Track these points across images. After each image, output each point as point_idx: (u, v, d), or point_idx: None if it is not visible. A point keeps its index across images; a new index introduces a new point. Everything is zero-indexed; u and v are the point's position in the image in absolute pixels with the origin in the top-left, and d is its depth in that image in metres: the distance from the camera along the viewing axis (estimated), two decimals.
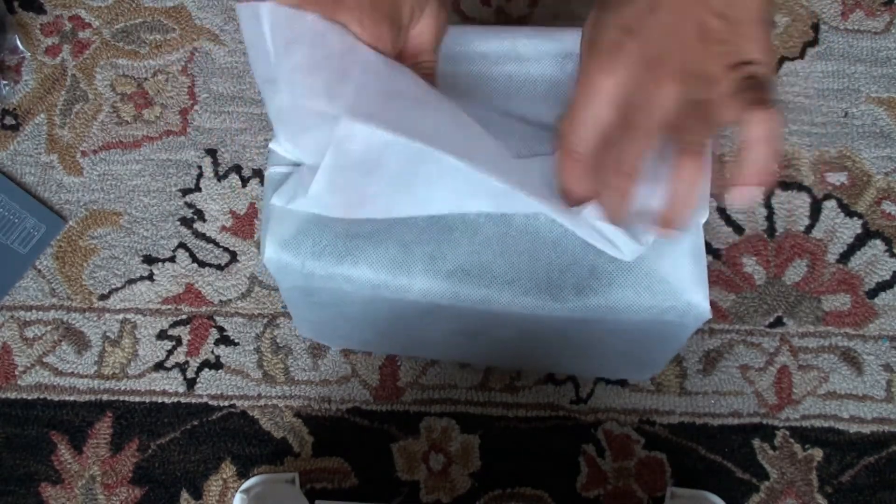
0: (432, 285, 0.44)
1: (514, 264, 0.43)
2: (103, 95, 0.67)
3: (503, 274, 0.43)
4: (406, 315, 0.48)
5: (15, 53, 0.67)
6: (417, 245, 0.43)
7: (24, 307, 0.63)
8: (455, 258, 0.43)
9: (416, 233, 0.43)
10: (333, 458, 0.60)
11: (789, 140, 0.64)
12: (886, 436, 0.59)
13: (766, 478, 0.58)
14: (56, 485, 0.60)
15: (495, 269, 0.43)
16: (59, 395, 0.61)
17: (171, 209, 0.64)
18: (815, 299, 0.61)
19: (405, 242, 0.43)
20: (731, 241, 0.62)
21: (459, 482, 0.59)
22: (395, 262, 0.43)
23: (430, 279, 0.44)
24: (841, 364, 0.60)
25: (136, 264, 0.63)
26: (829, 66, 0.65)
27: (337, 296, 0.46)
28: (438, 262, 0.43)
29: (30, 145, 0.66)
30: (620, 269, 0.43)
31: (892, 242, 0.62)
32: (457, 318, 0.47)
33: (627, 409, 0.60)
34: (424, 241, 0.43)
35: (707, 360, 0.60)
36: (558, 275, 0.43)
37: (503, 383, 0.60)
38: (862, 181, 0.63)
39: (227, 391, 0.61)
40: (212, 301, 0.63)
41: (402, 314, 0.48)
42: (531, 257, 0.43)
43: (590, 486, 0.59)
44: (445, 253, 0.43)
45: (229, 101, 0.66)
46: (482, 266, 0.43)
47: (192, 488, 0.59)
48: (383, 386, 0.61)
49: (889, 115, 0.64)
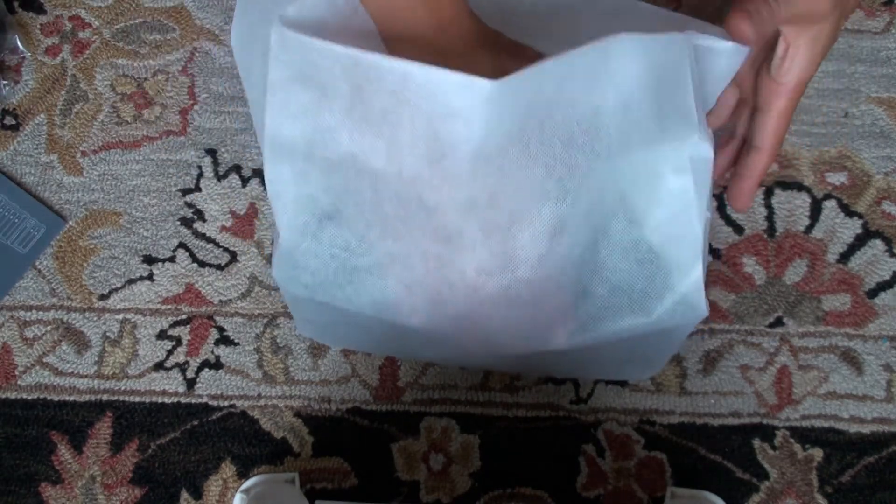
0: (435, 325, 0.44)
1: (517, 316, 0.44)
2: (103, 95, 0.67)
3: (504, 321, 0.44)
4: (407, 334, 0.48)
5: (15, 53, 0.67)
6: (420, 287, 0.43)
7: (24, 307, 0.63)
8: (456, 306, 0.43)
9: (419, 277, 0.43)
10: (333, 458, 0.60)
11: (789, 140, 0.64)
12: (886, 436, 0.59)
13: (766, 478, 0.58)
14: (56, 485, 0.60)
15: (496, 318, 0.44)
16: (59, 395, 0.61)
17: (171, 209, 0.64)
18: (815, 299, 0.61)
19: (407, 284, 0.43)
20: (731, 241, 0.62)
21: (459, 482, 0.59)
22: (398, 300, 0.44)
23: (432, 320, 0.44)
24: (841, 364, 0.60)
25: (136, 264, 0.63)
26: (829, 66, 0.65)
27: (338, 310, 0.47)
28: (440, 306, 0.43)
29: (30, 145, 0.66)
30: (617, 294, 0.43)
31: (892, 242, 0.62)
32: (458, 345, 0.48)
33: (627, 409, 0.60)
34: (427, 284, 0.43)
35: (707, 360, 0.61)
36: (560, 317, 0.44)
37: (503, 383, 0.60)
38: (862, 181, 0.63)
39: (227, 391, 0.61)
40: (212, 301, 0.63)
41: (403, 333, 0.48)
42: (535, 307, 0.43)
43: (590, 486, 0.59)
44: (447, 299, 0.43)
45: (229, 101, 0.66)
46: (483, 314, 0.44)
47: (192, 488, 0.59)
48: (383, 386, 0.61)
49: (889, 115, 0.64)
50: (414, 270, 0.43)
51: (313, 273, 0.44)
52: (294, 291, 0.46)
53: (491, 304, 0.43)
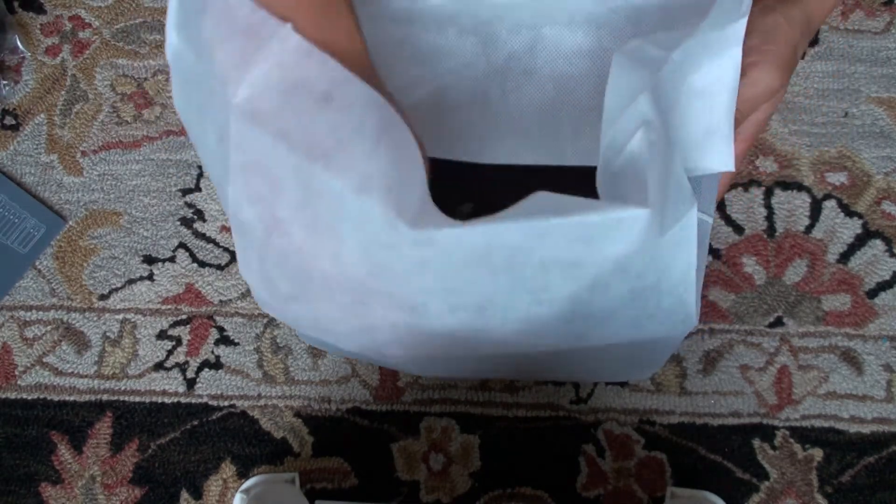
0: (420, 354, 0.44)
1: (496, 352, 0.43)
2: (103, 95, 0.67)
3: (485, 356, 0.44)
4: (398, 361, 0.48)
5: (15, 53, 0.67)
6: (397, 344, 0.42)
7: (24, 307, 0.63)
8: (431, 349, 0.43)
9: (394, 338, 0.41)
10: (333, 458, 0.60)
11: (789, 140, 0.64)
12: (886, 436, 0.59)
13: (766, 478, 0.58)
14: (56, 485, 0.60)
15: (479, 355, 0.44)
16: (59, 395, 0.61)
17: (171, 209, 0.64)
18: (815, 299, 0.61)
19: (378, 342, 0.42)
20: (731, 241, 0.62)
21: (459, 482, 0.59)
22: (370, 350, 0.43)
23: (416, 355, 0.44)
24: (841, 364, 0.60)
25: (136, 264, 0.63)
26: (829, 66, 0.65)
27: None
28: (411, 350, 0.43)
29: (30, 145, 0.66)
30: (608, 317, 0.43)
31: (892, 242, 0.62)
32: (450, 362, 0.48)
33: (627, 409, 0.60)
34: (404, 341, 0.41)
35: (707, 360, 0.61)
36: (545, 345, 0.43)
37: (503, 383, 0.60)
38: (862, 181, 0.63)
39: (227, 391, 0.61)
40: (212, 301, 0.63)
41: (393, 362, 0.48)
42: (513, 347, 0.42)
43: (590, 486, 0.59)
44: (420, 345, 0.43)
45: None
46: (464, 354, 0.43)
47: (192, 488, 0.59)
48: (383, 386, 0.61)
49: (889, 115, 0.64)
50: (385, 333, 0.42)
51: (296, 324, 0.44)
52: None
53: (465, 348, 0.41)
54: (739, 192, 0.63)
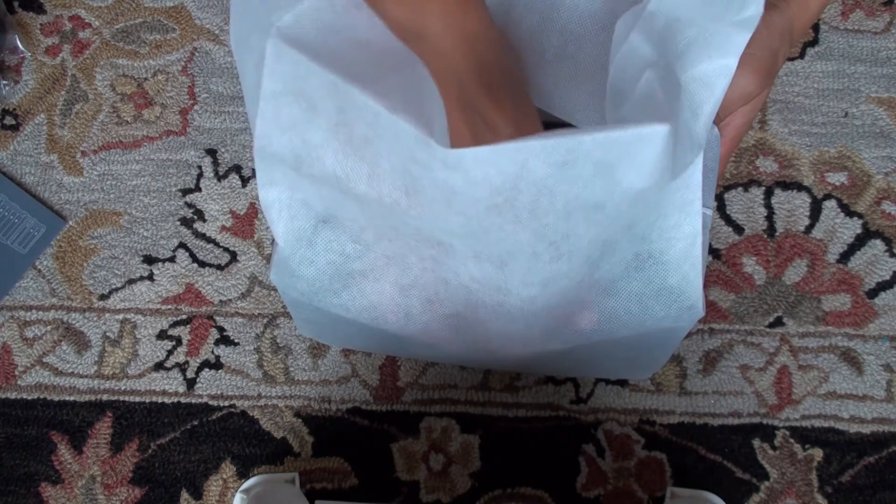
0: (430, 328, 0.44)
1: (511, 328, 0.43)
2: (103, 95, 0.67)
3: (499, 329, 0.44)
4: (403, 338, 0.48)
5: (15, 53, 0.67)
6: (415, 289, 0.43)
7: (24, 307, 0.63)
8: (452, 305, 0.43)
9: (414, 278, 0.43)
10: (333, 458, 0.60)
11: (789, 140, 0.64)
12: (886, 436, 0.59)
13: (766, 478, 0.58)
14: (56, 485, 0.60)
15: (490, 324, 0.44)
16: (59, 395, 0.61)
17: (171, 209, 0.64)
18: (815, 299, 0.61)
19: (403, 286, 0.43)
20: (731, 241, 0.62)
21: (459, 482, 0.59)
22: (394, 303, 0.44)
23: (427, 323, 0.44)
24: (841, 364, 0.60)
25: (136, 264, 0.63)
26: (829, 66, 0.65)
27: (336, 316, 0.47)
28: (435, 306, 0.43)
29: (30, 145, 0.66)
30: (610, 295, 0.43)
31: (892, 242, 0.62)
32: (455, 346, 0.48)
33: (627, 409, 0.60)
34: (423, 284, 0.43)
35: (707, 360, 0.60)
36: (556, 327, 0.44)
37: (503, 383, 0.60)
38: (862, 181, 0.63)
39: (227, 391, 0.61)
40: (212, 301, 0.63)
41: (399, 337, 0.48)
42: (528, 325, 0.43)
43: (590, 486, 0.59)
44: (442, 298, 0.43)
45: (229, 101, 0.66)
46: (478, 320, 0.44)
47: (192, 488, 0.59)
48: (383, 386, 0.61)
49: (889, 115, 0.64)
50: (411, 270, 0.42)
51: (309, 282, 0.44)
52: (292, 296, 0.46)
53: (485, 311, 0.43)
54: (739, 192, 0.63)
